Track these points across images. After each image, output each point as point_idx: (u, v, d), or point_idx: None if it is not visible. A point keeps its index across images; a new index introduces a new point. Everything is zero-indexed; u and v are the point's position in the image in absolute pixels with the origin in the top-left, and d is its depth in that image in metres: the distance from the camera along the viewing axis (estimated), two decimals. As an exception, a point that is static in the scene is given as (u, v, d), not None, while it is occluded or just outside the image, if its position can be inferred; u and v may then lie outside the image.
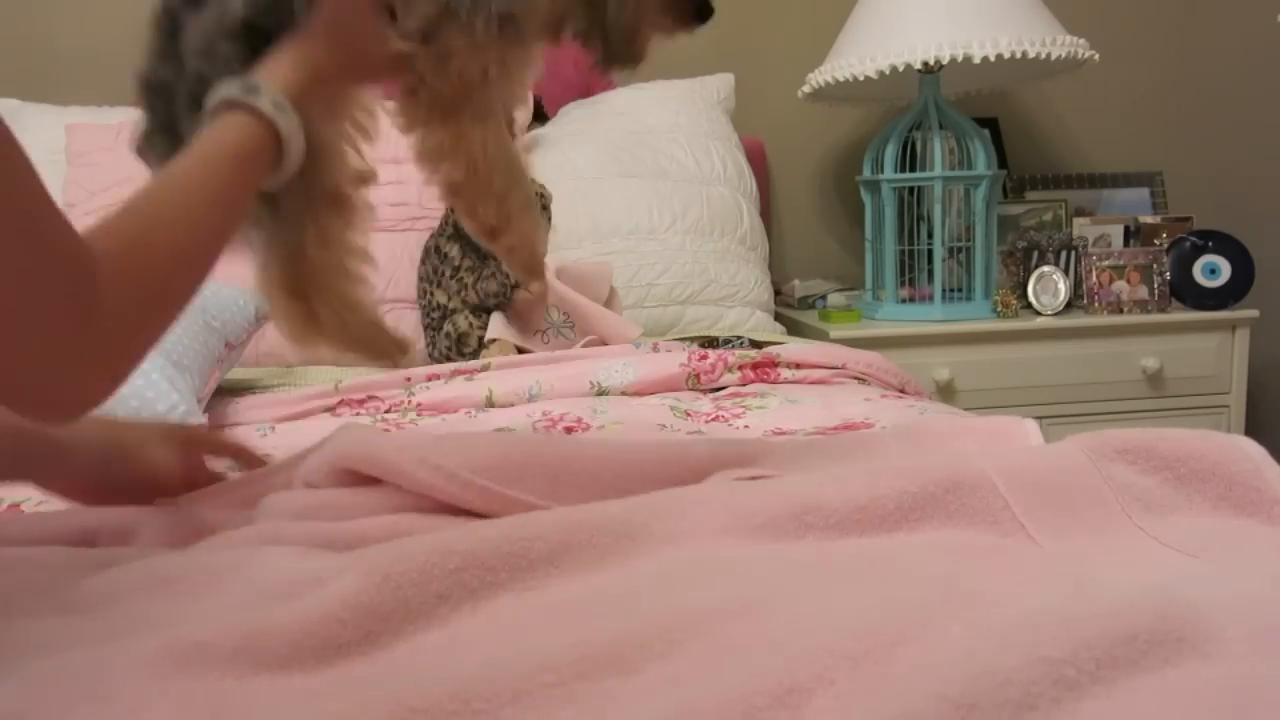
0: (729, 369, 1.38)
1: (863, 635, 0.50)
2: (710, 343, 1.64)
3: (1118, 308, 1.98)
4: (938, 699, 0.41)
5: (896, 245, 1.98)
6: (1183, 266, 1.99)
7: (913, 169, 1.96)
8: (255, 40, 0.70)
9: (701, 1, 0.76)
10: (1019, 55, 1.79)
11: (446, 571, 0.55)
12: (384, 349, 0.81)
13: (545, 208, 1.65)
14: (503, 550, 0.57)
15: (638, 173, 1.89)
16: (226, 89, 0.66)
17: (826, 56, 1.99)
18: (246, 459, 0.87)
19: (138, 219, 0.58)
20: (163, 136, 0.73)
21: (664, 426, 1.16)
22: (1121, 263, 2.00)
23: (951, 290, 2.00)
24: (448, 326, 1.59)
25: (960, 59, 1.79)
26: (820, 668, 0.47)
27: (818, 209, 2.44)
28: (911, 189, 1.97)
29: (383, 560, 0.55)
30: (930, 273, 1.98)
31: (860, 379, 1.42)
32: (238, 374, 1.49)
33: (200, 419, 1.16)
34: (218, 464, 0.88)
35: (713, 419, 1.20)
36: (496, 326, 1.57)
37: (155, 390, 1.11)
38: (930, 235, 1.96)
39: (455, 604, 0.54)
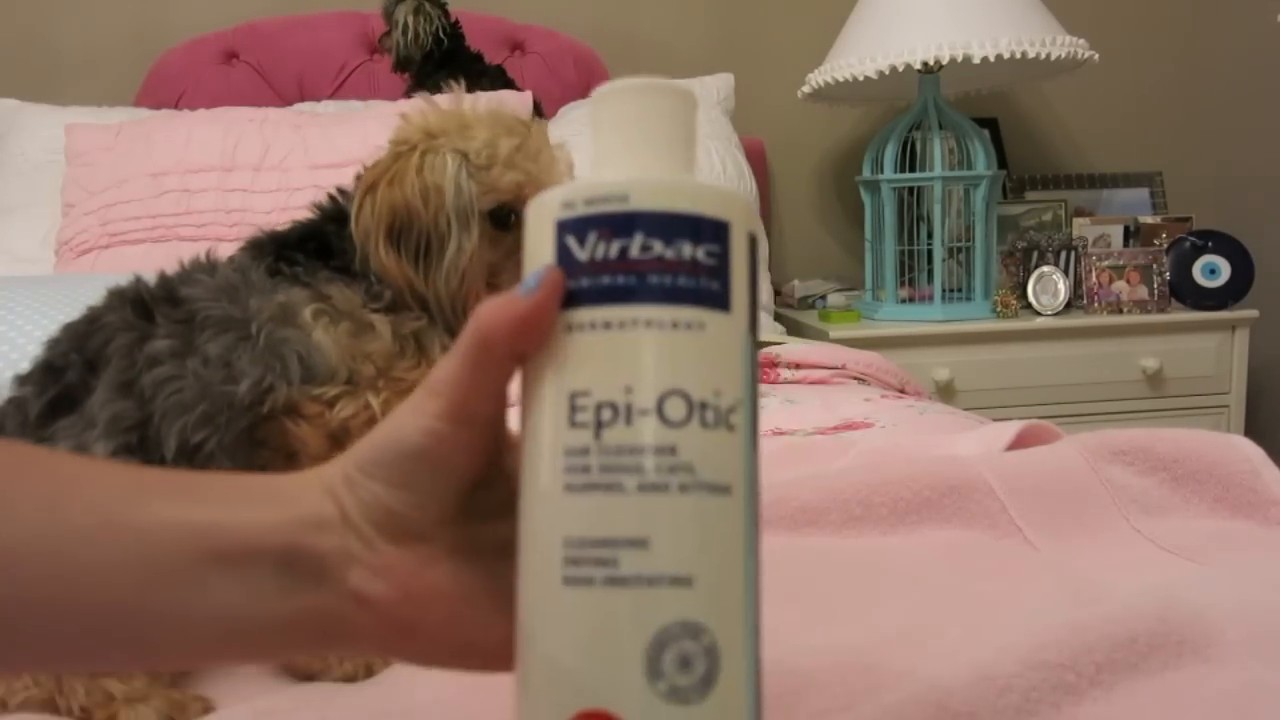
0: (729, 369, 1.38)
1: (858, 638, 0.50)
2: (710, 343, 1.63)
3: (1117, 308, 1.98)
4: (937, 708, 0.41)
5: (896, 245, 1.98)
6: (1182, 266, 1.99)
7: (912, 169, 1.95)
8: None
9: None
10: (1019, 55, 1.78)
11: None
12: None
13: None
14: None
15: (637, 173, 1.88)
16: None
17: (826, 56, 1.98)
18: None
19: None
20: None
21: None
22: (1121, 263, 1.99)
23: (951, 290, 1.99)
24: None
25: (960, 59, 1.79)
26: (814, 671, 0.47)
27: (818, 209, 2.43)
28: (911, 189, 1.97)
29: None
30: (930, 273, 1.97)
31: (860, 379, 1.41)
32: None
33: None
34: None
35: (712, 420, 1.20)
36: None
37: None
38: (930, 235, 1.96)
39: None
